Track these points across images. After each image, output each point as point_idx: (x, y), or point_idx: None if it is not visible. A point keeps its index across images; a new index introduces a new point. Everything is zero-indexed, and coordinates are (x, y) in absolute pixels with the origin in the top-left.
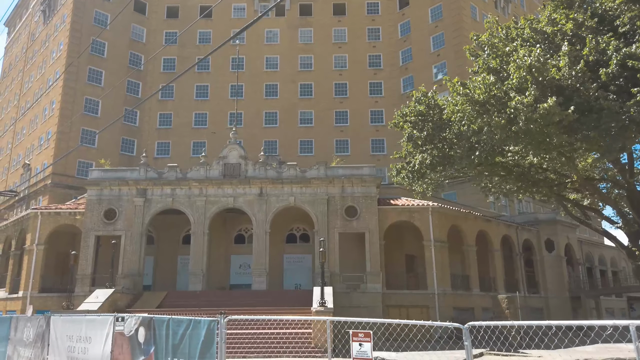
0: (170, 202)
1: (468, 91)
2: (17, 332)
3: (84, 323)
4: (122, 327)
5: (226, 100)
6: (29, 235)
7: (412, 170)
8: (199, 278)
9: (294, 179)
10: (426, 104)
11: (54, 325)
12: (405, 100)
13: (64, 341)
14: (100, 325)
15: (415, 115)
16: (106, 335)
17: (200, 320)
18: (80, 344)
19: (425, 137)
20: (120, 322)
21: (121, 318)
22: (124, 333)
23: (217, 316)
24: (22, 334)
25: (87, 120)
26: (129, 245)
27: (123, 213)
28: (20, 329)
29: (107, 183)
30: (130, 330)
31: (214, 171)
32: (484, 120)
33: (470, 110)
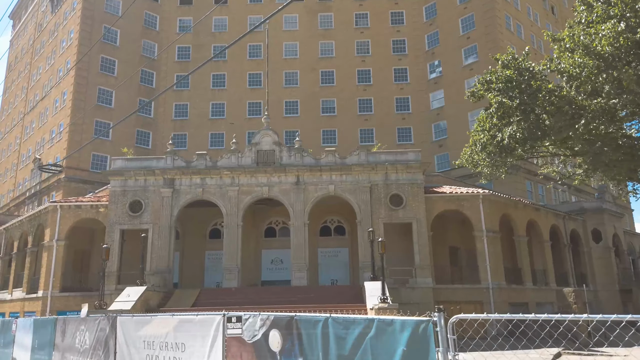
0: (200, 193)
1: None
2: (67, 336)
3: (171, 325)
4: (238, 330)
5: (244, 90)
6: (48, 230)
7: (499, 145)
8: (234, 274)
9: (333, 166)
10: (516, 68)
11: (122, 327)
12: (432, 85)
13: (139, 349)
14: (201, 328)
15: (504, 81)
16: (212, 341)
17: (396, 321)
18: (168, 352)
19: (517, 106)
20: (236, 322)
21: (235, 318)
22: (242, 339)
23: (435, 314)
24: (74, 339)
25: (100, 111)
26: (157, 240)
27: (149, 205)
28: (70, 333)
29: (131, 173)
30: (255, 335)
31: (246, 159)
32: (607, 78)
33: (590, 66)
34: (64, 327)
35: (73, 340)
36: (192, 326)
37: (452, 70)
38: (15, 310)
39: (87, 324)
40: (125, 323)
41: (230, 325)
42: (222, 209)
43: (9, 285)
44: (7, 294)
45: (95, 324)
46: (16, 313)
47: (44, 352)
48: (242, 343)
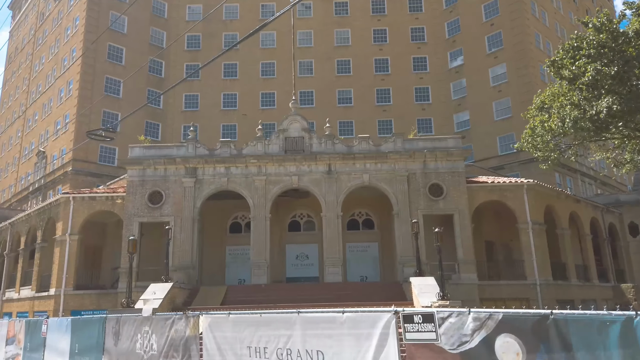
0: (225, 183)
1: None
2: (122, 339)
3: (295, 325)
4: (429, 333)
5: (257, 80)
6: (60, 224)
7: (592, 119)
8: (263, 269)
9: (368, 154)
10: (610, 31)
11: (211, 329)
12: (453, 75)
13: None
14: (353, 330)
15: (596, 47)
16: (375, 349)
17: None
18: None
19: (614, 74)
20: (422, 323)
21: (421, 316)
22: (439, 347)
23: None
24: (133, 342)
25: (108, 101)
26: (179, 233)
27: (170, 196)
28: (127, 336)
29: (150, 162)
30: (464, 342)
31: (273, 146)
32: None
33: None
34: (118, 327)
35: (132, 343)
36: (335, 327)
37: (475, 58)
38: (23, 309)
39: (153, 324)
40: (217, 323)
41: (411, 327)
42: (249, 200)
43: (16, 284)
44: (13, 292)
45: (167, 324)
46: (25, 313)
47: (89, 357)
48: (438, 353)
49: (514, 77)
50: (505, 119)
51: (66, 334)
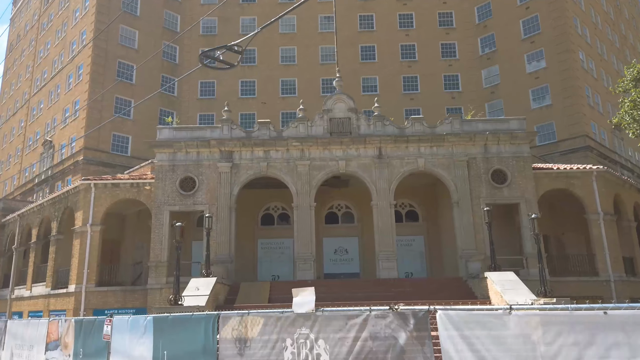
0: (265, 168)
1: None
2: (252, 347)
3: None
4: None
5: (276, 66)
6: (79, 214)
7: None
8: (309, 264)
9: (422, 136)
10: None
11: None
12: (485, 62)
13: None
14: None
15: None
16: None
17: None
18: None
19: None
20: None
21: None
22: None
23: None
24: (277, 351)
25: (121, 87)
26: (215, 224)
27: (204, 182)
28: (261, 342)
29: (181, 145)
30: None
31: (317, 128)
32: None
33: None
34: (241, 329)
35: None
36: None
37: (509, 44)
38: (36, 308)
39: (318, 325)
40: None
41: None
42: (291, 187)
43: (27, 280)
44: (24, 290)
45: (350, 325)
46: (38, 312)
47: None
48: None
49: (553, 62)
50: (543, 107)
51: (145, 336)
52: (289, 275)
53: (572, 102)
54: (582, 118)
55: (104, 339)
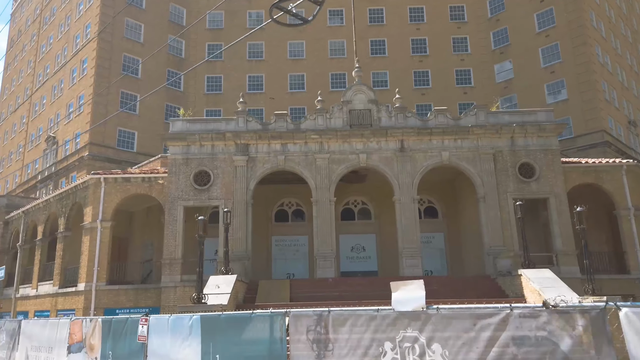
0: (282, 162)
1: None
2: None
3: None
4: None
5: (284, 61)
6: (89, 209)
7: None
8: (330, 261)
9: (447, 129)
10: None
11: None
12: (498, 56)
13: None
14: None
15: None
16: None
17: None
18: None
19: None
20: None
21: None
22: None
23: None
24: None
25: (126, 82)
26: (231, 219)
27: (219, 176)
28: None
29: (196, 137)
30: None
31: (336, 120)
32: None
33: None
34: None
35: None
36: None
37: (522, 38)
38: (43, 307)
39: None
40: None
41: None
42: (310, 181)
43: (33, 279)
44: (29, 289)
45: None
46: (45, 312)
47: None
48: None
49: (569, 56)
50: (559, 101)
51: (191, 338)
52: (304, 273)
53: (589, 96)
54: (599, 113)
55: (139, 341)
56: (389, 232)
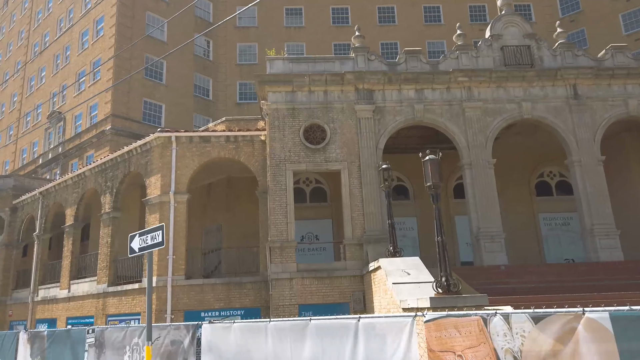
0: (420, 112)
1: None
2: None
3: None
4: None
5: (327, 28)
6: (155, 179)
7: None
8: (499, 243)
9: (632, 70)
10: None
11: None
12: (567, 24)
13: None
14: None
15: None
16: None
17: None
18: None
19: None
20: None
21: None
22: None
23: None
24: None
25: (150, 45)
26: (356, 188)
27: (337, 132)
28: None
29: (305, 80)
30: None
31: (484, 60)
32: None
33: None
34: None
35: None
36: None
37: (597, 3)
38: (82, 313)
39: None
40: None
41: None
42: (459, 138)
43: (62, 276)
44: (56, 289)
45: None
46: (86, 318)
47: None
48: None
49: None
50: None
51: None
52: None
53: None
54: None
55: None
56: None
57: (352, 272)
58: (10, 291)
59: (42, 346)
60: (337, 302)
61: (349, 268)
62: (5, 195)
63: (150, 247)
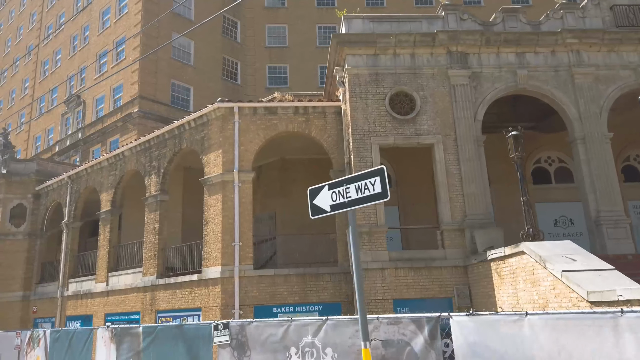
0: (523, 78)
1: None
2: None
3: None
4: None
5: (362, 9)
6: (214, 155)
7: None
8: (624, 229)
9: None
10: None
11: None
12: None
13: None
14: None
15: None
16: None
17: None
18: None
19: None
20: None
21: None
22: None
23: None
24: None
25: (178, 23)
26: (452, 165)
27: (428, 101)
28: None
29: (388, 41)
30: None
31: (591, 20)
32: None
33: None
34: None
35: None
36: None
37: None
38: (124, 309)
39: None
40: None
41: None
42: (567, 109)
43: (99, 268)
44: (91, 282)
45: None
46: (131, 314)
47: None
48: None
49: None
50: None
51: None
52: None
53: None
54: None
55: None
56: None
57: (453, 262)
58: (34, 285)
59: (135, 346)
60: (437, 296)
61: (449, 257)
62: (28, 180)
63: (361, 201)
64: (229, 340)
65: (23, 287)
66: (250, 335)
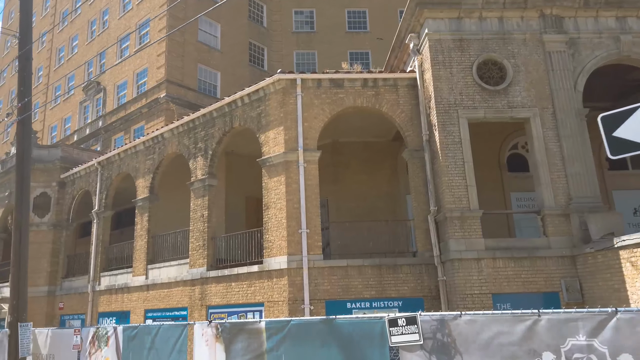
0: (628, 45)
1: None
2: None
3: None
4: None
5: None
6: (275, 132)
7: None
8: None
9: None
10: None
11: None
12: None
13: None
14: None
15: None
16: None
17: None
18: None
19: None
20: None
21: None
22: None
23: None
24: None
25: (204, 6)
26: (552, 141)
27: (520, 70)
28: None
29: (475, 3)
30: None
31: None
32: None
33: None
34: None
35: None
36: None
37: None
38: (168, 304)
39: None
40: None
41: None
42: None
43: (136, 260)
44: (127, 275)
45: None
46: (174, 310)
47: None
48: None
49: None
50: None
51: None
52: None
53: None
54: None
55: None
56: None
57: (558, 252)
58: (59, 280)
59: (255, 346)
60: (542, 290)
61: (553, 246)
62: (52, 167)
63: None
64: (420, 340)
65: (48, 282)
66: (460, 335)
